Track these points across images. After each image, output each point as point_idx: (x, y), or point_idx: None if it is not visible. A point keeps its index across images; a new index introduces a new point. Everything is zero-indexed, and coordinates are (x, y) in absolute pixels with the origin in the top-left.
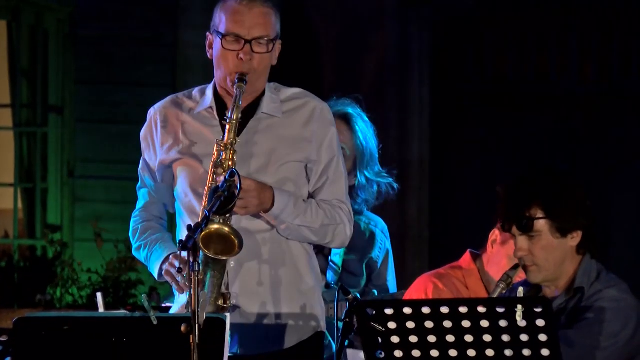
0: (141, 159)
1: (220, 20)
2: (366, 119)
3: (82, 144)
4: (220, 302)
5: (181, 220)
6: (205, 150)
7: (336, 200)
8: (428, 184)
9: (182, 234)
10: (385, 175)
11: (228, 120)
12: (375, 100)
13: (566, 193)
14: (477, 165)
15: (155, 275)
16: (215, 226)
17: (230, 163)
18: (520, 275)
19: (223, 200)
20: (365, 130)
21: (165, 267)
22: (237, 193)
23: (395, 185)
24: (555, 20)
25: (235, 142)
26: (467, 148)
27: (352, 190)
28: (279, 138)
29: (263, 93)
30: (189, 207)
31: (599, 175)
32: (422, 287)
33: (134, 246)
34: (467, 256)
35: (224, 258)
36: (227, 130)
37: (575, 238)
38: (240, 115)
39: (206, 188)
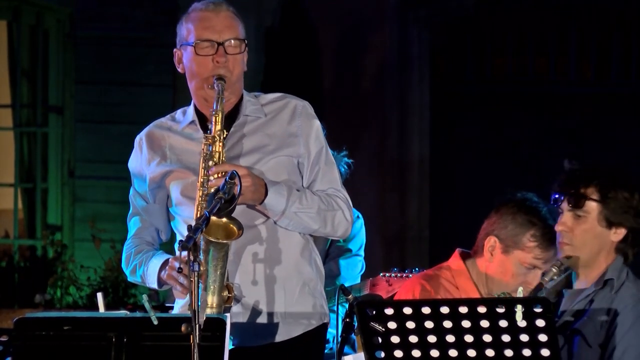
0: (131, 187)
1: (189, 30)
2: None
3: (82, 144)
4: (225, 293)
5: (178, 234)
6: (193, 160)
7: (331, 189)
8: (428, 184)
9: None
10: (339, 156)
11: (214, 112)
12: (375, 101)
13: (625, 188)
14: (476, 166)
15: (155, 284)
16: (214, 218)
17: (219, 155)
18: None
19: (223, 202)
20: None
21: (165, 271)
22: (237, 195)
23: (350, 161)
24: (554, 21)
25: (224, 134)
26: (467, 148)
27: None
28: (266, 136)
29: (241, 99)
30: (188, 215)
31: None
32: (410, 289)
33: (129, 270)
34: (456, 256)
35: (226, 242)
36: (213, 122)
37: (617, 234)
38: (232, 110)
39: (198, 183)
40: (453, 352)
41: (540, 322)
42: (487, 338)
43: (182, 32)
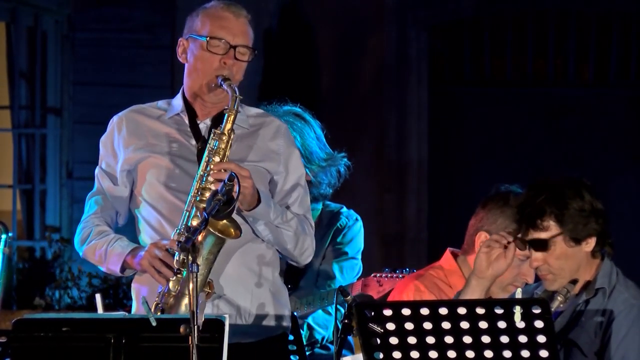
0: (97, 166)
1: (204, 24)
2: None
3: (80, 146)
4: (206, 289)
5: (145, 223)
6: (174, 150)
7: (303, 215)
8: (426, 185)
9: (145, 237)
10: (338, 156)
11: (227, 111)
12: (373, 102)
13: (575, 197)
14: (475, 167)
15: (117, 268)
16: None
17: (223, 153)
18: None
19: (222, 204)
20: (298, 129)
21: (137, 258)
22: (235, 197)
23: (349, 163)
24: (552, 22)
25: (233, 133)
26: (465, 149)
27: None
28: (247, 147)
29: None
30: (160, 201)
31: (598, 177)
32: (403, 290)
33: (84, 247)
34: (447, 255)
35: (225, 237)
36: (225, 120)
37: (589, 244)
38: (217, 116)
39: (198, 175)
40: (452, 354)
41: (539, 324)
42: (485, 339)
43: (195, 23)
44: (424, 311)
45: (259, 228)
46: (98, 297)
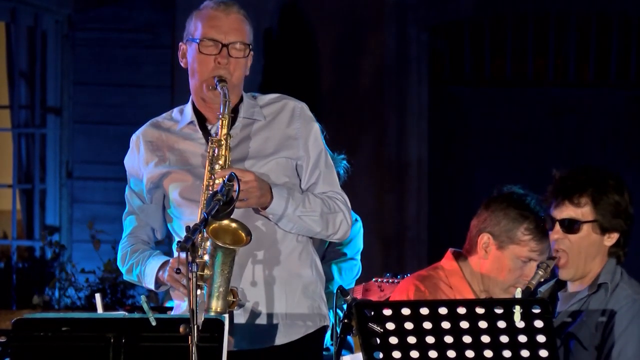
0: (126, 186)
1: (196, 27)
2: None
3: (80, 145)
4: (230, 298)
5: (177, 236)
6: (192, 161)
7: (331, 192)
8: (426, 185)
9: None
10: (338, 158)
11: (220, 116)
12: (373, 103)
13: (616, 195)
14: (475, 167)
15: (152, 285)
16: (225, 222)
17: (225, 159)
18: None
19: (222, 204)
20: None
21: (165, 272)
22: (235, 197)
23: (349, 166)
24: (552, 22)
25: (230, 137)
26: (466, 149)
27: None
28: (265, 139)
29: (240, 101)
30: (188, 217)
31: None
32: (404, 290)
33: (125, 269)
34: (448, 255)
35: (235, 247)
36: (219, 126)
37: (611, 239)
38: (231, 112)
39: (203, 186)
40: (451, 353)
41: (539, 323)
42: (485, 339)
43: (189, 27)
44: (424, 311)
45: (281, 223)
46: (98, 296)
